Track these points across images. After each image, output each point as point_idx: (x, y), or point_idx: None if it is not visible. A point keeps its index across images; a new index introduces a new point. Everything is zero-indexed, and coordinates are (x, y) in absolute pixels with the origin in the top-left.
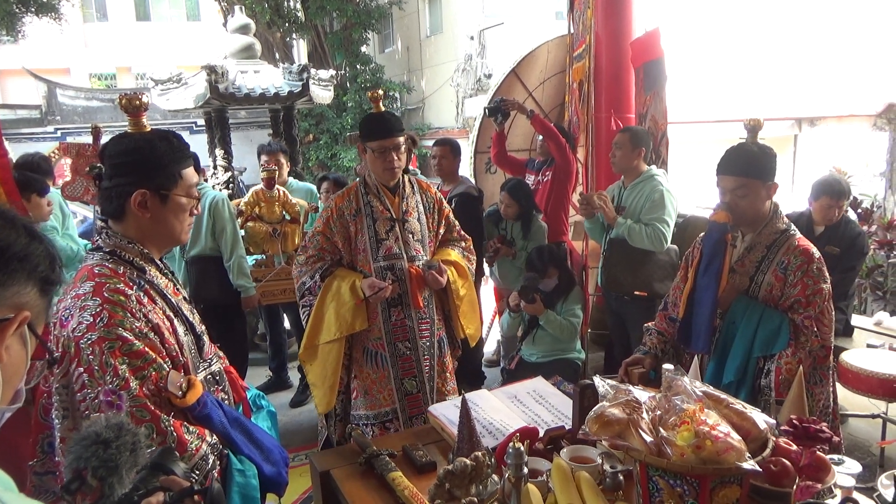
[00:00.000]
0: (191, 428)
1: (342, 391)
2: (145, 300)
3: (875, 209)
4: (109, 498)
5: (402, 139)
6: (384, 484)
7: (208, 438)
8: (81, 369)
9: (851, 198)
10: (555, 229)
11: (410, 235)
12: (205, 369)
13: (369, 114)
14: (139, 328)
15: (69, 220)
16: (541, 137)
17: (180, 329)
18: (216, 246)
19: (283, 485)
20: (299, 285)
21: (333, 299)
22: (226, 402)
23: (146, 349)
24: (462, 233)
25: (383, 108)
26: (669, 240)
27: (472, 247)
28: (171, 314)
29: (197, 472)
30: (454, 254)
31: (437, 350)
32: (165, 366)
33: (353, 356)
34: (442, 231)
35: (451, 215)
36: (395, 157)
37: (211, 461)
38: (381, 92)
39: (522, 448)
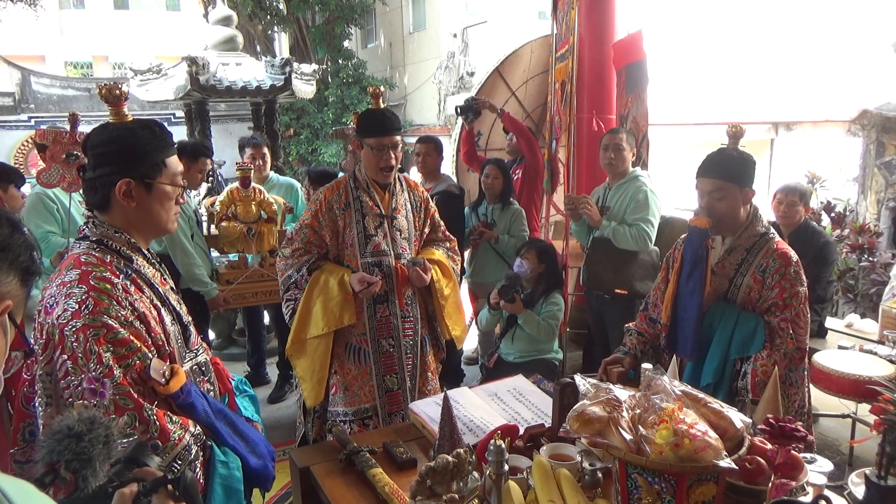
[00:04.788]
0: (174, 418)
1: None
2: (132, 289)
3: (848, 213)
4: (84, 490)
5: (399, 138)
6: (364, 480)
7: (192, 429)
8: (65, 356)
9: (822, 202)
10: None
11: (398, 233)
12: (191, 359)
13: (369, 109)
14: (125, 316)
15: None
16: (510, 136)
17: (167, 318)
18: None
19: (270, 478)
20: (284, 279)
21: (321, 294)
22: (211, 393)
23: (131, 337)
24: (447, 233)
25: (383, 105)
26: (654, 240)
27: (456, 248)
28: (158, 303)
29: (179, 463)
30: (438, 253)
31: (419, 349)
32: (150, 355)
33: (335, 351)
34: (427, 230)
35: (437, 215)
36: (392, 156)
37: (194, 452)
38: (382, 88)
39: (503, 445)
